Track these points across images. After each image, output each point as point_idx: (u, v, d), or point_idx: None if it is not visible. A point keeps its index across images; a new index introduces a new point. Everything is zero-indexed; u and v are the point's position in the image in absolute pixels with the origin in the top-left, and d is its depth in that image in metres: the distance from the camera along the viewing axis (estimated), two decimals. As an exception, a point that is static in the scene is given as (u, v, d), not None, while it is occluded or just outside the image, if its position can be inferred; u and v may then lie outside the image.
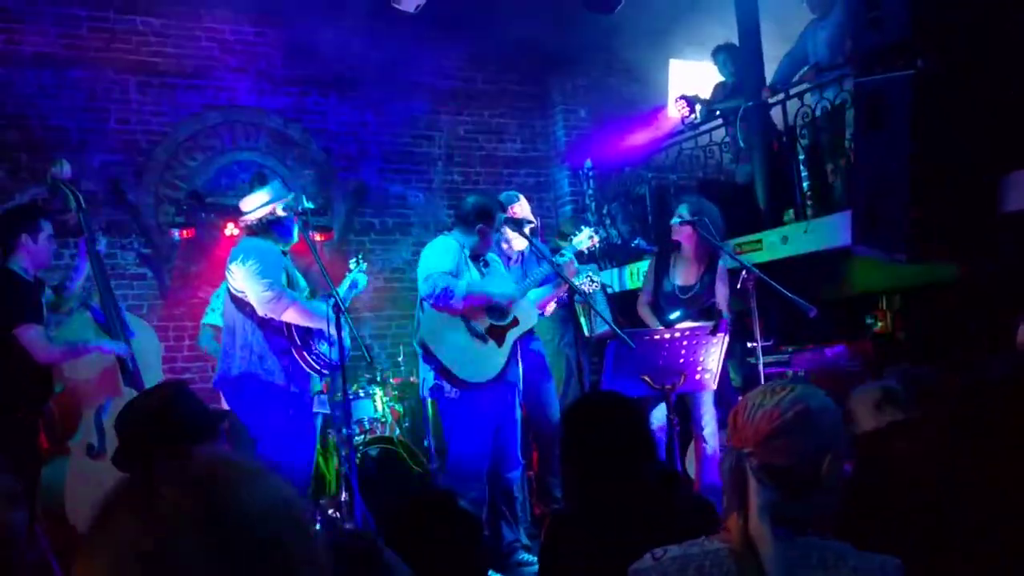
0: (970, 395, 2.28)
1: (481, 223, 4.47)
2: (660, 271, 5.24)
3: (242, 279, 4.14)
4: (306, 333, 4.18)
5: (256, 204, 4.39)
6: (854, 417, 2.92)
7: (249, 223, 4.36)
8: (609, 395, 2.67)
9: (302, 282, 4.36)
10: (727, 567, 1.54)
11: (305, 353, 4.17)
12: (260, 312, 4.13)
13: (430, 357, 4.30)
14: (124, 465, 2.25)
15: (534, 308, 4.57)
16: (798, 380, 4.97)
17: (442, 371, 4.29)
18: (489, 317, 4.38)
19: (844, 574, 1.50)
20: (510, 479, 4.52)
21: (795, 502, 1.56)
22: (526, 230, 4.64)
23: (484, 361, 4.33)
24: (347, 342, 4.22)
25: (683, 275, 5.17)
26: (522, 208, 4.89)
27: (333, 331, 4.11)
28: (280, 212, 4.32)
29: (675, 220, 5.10)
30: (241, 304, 4.21)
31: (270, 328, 4.16)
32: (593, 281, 4.85)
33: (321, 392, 4.39)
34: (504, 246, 4.97)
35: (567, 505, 2.42)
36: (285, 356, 4.17)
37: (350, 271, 4.55)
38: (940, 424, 2.32)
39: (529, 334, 4.79)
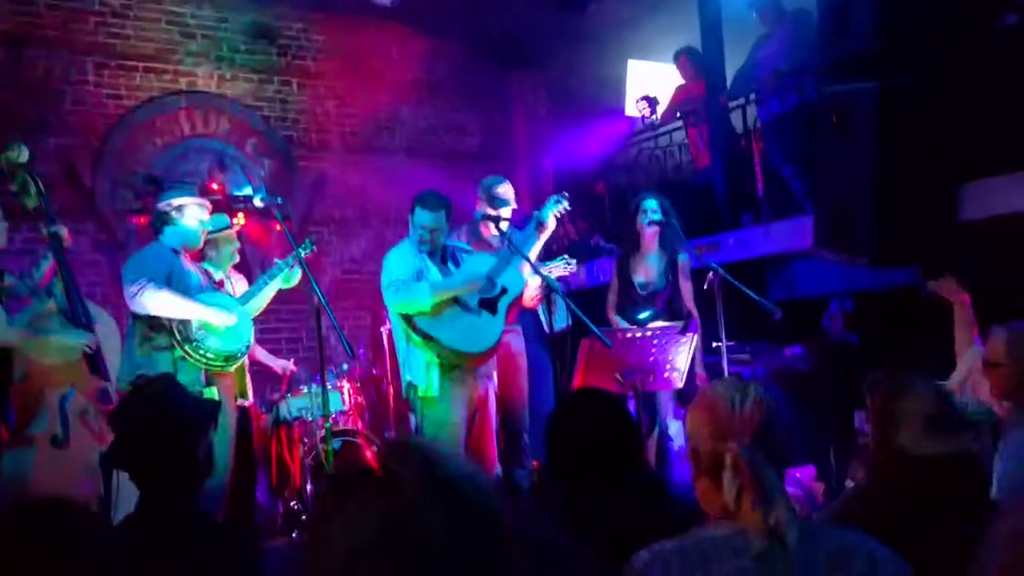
0: None
1: (411, 217, 4.56)
2: (623, 272, 5.33)
3: None
4: (185, 327, 4.22)
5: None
6: (895, 425, 2.15)
7: (151, 223, 4.51)
8: (593, 396, 2.58)
9: (192, 280, 4.38)
10: (735, 544, 1.53)
11: (187, 348, 4.21)
12: (132, 308, 4.23)
13: (431, 342, 4.32)
14: (127, 461, 2.20)
15: (520, 274, 4.61)
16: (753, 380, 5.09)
17: (442, 354, 4.32)
18: (478, 292, 4.45)
19: (862, 559, 1.53)
20: None
21: None
22: (502, 225, 4.66)
23: (484, 331, 4.43)
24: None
25: (644, 272, 5.26)
26: (506, 190, 4.99)
27: (218, 321, 4.24)
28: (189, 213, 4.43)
29: (644, 219, 5.19)
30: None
31: (155, 326, 4.23)
32: (568, 264, 4.95)
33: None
34: (485, 233, 5.01)
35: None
36: (167, 352, 4.22)
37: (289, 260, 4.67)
38: None
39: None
